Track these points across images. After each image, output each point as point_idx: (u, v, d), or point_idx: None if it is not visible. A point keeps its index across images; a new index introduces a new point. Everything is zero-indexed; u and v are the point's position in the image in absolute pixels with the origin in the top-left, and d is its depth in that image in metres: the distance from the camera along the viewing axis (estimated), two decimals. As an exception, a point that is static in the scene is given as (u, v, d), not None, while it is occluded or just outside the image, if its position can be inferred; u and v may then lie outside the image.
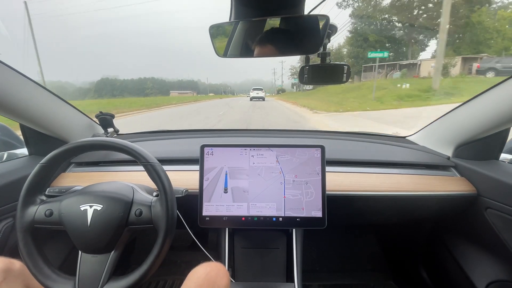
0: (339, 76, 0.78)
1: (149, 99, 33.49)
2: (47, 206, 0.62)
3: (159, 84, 70.26)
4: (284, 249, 0.92)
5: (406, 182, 0.93)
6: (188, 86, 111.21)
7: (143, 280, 0.59)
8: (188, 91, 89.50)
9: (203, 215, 0.84)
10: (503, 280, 0.87)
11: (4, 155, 1.08)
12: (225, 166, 0.85)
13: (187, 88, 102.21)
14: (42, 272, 0.59)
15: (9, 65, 0.76)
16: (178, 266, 1.46)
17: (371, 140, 1.28)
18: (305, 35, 0.70)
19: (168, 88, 78.06)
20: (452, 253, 1.04)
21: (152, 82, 69.05)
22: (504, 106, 0.77)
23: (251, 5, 0.66)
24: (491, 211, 0.85)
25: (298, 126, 7.49)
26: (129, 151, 0.64)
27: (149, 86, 67.44)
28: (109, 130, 1.17)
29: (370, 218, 1.09)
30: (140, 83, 70.24)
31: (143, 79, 70.98)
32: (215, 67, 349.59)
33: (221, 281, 0.62)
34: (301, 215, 0.83)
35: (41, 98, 0.89)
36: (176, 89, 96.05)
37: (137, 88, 70.47)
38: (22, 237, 0.60)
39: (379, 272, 1.45)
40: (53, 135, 0.99)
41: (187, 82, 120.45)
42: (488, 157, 0.95)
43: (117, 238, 0.61)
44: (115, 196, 0.63)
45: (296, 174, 0.83)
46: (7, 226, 0.82)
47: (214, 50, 0.75)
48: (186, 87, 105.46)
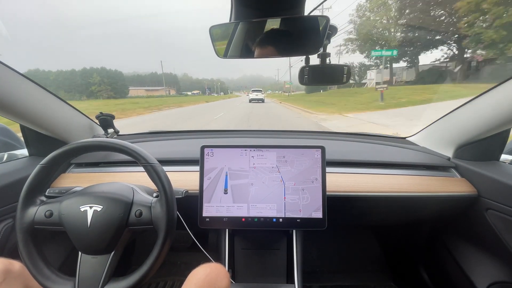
0: (339, 77, 0.78)
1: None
2: (47, 207, 0.62)
3: (112, 78, 44.90)
4: (284, 250, 0.92)
5: (406, 183, 0.93)
6: (163, 81, 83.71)
7: (143, 281, 0.59)
8: (160, 87, 70.56)
9: (203, 216, 0.83)
10: (503, 282, 0.87)
11: (4, 156, 1.08)
12: (225, 167, 0.85)
13: (161, 83, 78.34)
14: (42, 273, 0.59)
15: (9, 65, 0.76)
16: (178, 267, 1.46)
17: (371, 141, 1.28)
18: (305, 36, 0.70)
19: (127, 84, 50.98)
20: (452, 254, 1.04)
21: (101, 74, 44.45)
22: (505, 107, 0.77)
23: (251, 6, 0.66)
24: (492, 212, 0.84)
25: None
26: (129, 152, 0.64)
27: (95, 81, 43.36)
28: (109, 131, 1.17)
29: (370, 219, 1.09)
30: (84, 76, 44.84)
31: (89, 71, 45.78)
32: (206, 60, 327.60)
33: (221, 282, 0.62)
34: (301, 216, 0.83)
35: (42, 99, 0.89)
36: (137, 86, 72.50)
37: (77, 84, 45.35)
38: (22, 238, 0.59)
39: (379, 273, 1.45)
40: (53, 136, 0.99)
41: (163, 76, 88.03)
42: (488, 158, 0.95)
43: (117, 239, 0.61)
44: (115, 197, 0.63)
45: (294, 182, 0.83)
46: (7, 227, 0.82)
47: (215, 51, 0.75)
48: (160, 82, 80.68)
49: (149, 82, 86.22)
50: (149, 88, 71.11)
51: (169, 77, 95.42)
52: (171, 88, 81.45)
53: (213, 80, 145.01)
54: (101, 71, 46.64)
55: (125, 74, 63.18)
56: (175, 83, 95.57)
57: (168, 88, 79.19)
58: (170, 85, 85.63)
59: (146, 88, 70.66)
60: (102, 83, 44.03)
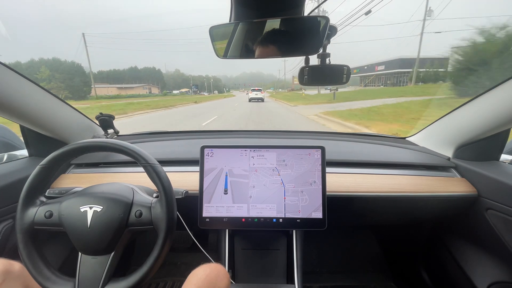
0: (339, 77, 0.78)
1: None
2: (47, 207, 0.62)
3: (67, 73, 31.73)
4: (284, 251, 0.92)
5: (406, 183, 0.93)
6: (146, 77, 73.42)
7: (143, 281, 0.59)
8: (136, 85, 59.46)
9: (203, 216, 0.83)
10: (504, 282, 0.87)
11: (4, 157, 1.08)
12: (225, 167, 0.85)
13: (142, 80, 67.42)
14: (42, 274, 0.59)
15: (9, 66, 0.76)
16: (178, 268, 1.46)
17: (371, 141, 1.28)
18: (305, 36, 0.70)
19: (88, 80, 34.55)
20: (452, 254, 1.04)
21: (52, 67, 32.57)
22: (504, 107, 0.77)
23: (251, 7, 0.66)
24: (492, 212, 0.84)
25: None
26: (129, 152, 0.64)
27: (43, 76, 31.10)
28: (109, 131, 1.17)
29: (370, 219, 1.09)
30: (31, 71, 31.35)
31: (37, 63, 34.60)
32: (202, 56, 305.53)
33: (221, 283, 0.62)
34: (301, 216, 0.83)
35: (42, 100, 0.89)
36: (115, 83, 60.72)
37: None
38: (22, 239, 0.59)
39: (379, 273, 1.45)
40: (53, 137, 0.99)
41: (145, 71, 78.01)
42: (488, 158, 0.95)
43: (117, 240, 0.61)
44: (115, 197, 0.63)
45: (294, 184, 0.84)
46: (7, 227, 0.81)
47: (215, 52, 0.75)
48: (141, 78, 70.28)
49: (128, 78, 73.11)
50: (123, 85, 58.08)
51: (151, 72, 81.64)
52: (153, 86, 69.40)
53: (208, 77, 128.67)
54: (53, 63, 34.45)
55: (102, 71, 54.79)
56: (159, 79, 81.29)
57: (149, 85, 66.16)
58: (152, 82, 73.32)
59: (118, 85, 57.55)
60: (53, 79, 31.74)
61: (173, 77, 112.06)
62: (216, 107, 16.76)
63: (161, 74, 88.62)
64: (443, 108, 9.84)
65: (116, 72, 79.06)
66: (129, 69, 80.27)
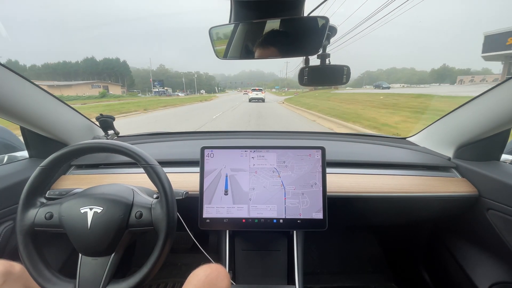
0: (339, 78, 0.78)
1: None
2: (47, 208, 0.62)
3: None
4: (285, 251, 0.92)
5: (407, 183, 0.93)
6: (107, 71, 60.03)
7: (144, 282, 0.59)
8: (77, 82, 45.20)
9: (204, 217, 0.83)
10: (505, 282, 0.87)
11: (5, 158, 1.08)
12: (225, 168, 0.84)
13: (101, 75, 54.24)
14: (42, 275, 0.59)
15: (9, 67, 0.76)
16: (178, 269, 1.46)
17: (371, 141, 1.28)
18: (305, 37, 0.70)
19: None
20: (453, 255, 1.04)
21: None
22: (505, 107, 0.77)
23: (251, 7, 0.66)
24: (493, 212, 0.84)
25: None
26: (129, 153, 0.64)
27: None
28: (110, 133, 1.17)
29: (371, 220, 1.09)
30: None
31: None
32: (200, 52, 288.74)
33: (222, 284, 0.61)
34: (301, 217, 0.82)
35: (42, 101, 0.89)
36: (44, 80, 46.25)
37: None
38: (22, 240, 0.59)
39: (380, 273, 1.45)
40: (54, 138, 0.99)
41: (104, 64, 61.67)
42: (489, 158, 0.95)
43: (117, 241, 0.61)
44: (115, 198, 0.62)
45: (294, 186, 0.84)
46: (7, 229, 0.81)
47: (214, 52, 0.75)
48: (100, 73, 56.45)
49: (81, 73, 60.29)
50: (55, 83, 43.25)
51: (111, 64, 64.74)
52: (113, 83, 52.66)
53: (200, 75, 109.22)
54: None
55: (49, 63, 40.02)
56: (125, 75, 64.96)
57: (99, 82, 49.01)
58: (111, 78, 58.11)
59: (50, 83, 41.76)
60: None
61: (155, 74, 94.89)
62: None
63: (128, 67, 71.57)
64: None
65: (67, 65, 63.48)
66: (85, 60, 64.72)
